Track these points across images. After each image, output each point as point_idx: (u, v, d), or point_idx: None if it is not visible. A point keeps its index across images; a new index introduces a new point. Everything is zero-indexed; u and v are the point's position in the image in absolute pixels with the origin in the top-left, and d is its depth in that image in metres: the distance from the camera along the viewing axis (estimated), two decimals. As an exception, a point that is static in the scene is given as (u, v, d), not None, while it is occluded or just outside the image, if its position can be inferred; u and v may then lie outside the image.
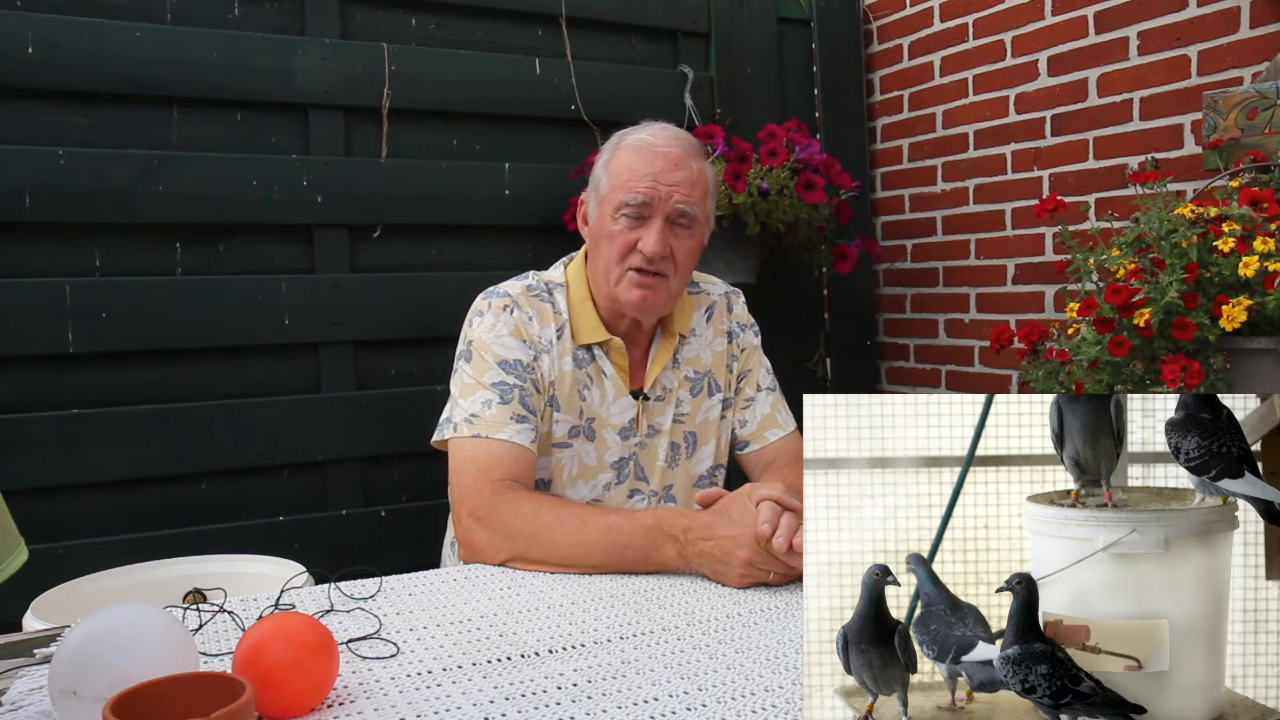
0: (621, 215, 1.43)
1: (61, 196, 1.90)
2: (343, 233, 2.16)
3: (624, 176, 1.43)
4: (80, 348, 1.92)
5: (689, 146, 1.47)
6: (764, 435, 1.60)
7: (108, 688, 0.70)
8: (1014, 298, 2.46)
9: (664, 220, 1.42)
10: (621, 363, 1.51)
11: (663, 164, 1.43)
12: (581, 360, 1.49)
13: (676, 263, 1.45)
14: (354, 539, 2.14)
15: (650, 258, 1.41)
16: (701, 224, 1.48)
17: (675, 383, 1.55)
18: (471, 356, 1.45)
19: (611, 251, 1.44)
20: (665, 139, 1.46)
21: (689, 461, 1.57)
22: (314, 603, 1.12)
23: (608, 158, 1.49)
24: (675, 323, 1.55)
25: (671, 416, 1.55)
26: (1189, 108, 2.01)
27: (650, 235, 1.41)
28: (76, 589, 1.53)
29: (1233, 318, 1.28)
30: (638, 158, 1.44)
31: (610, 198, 1.45)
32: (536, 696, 0.86)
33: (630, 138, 1.48)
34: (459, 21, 2.31)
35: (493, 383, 1.42)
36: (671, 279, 1.45)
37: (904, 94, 2.76)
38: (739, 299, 1.67)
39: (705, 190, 1.47)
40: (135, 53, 1.96)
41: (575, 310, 1.50)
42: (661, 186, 1.42)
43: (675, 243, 1.44)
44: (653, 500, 1.54)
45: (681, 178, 1.43)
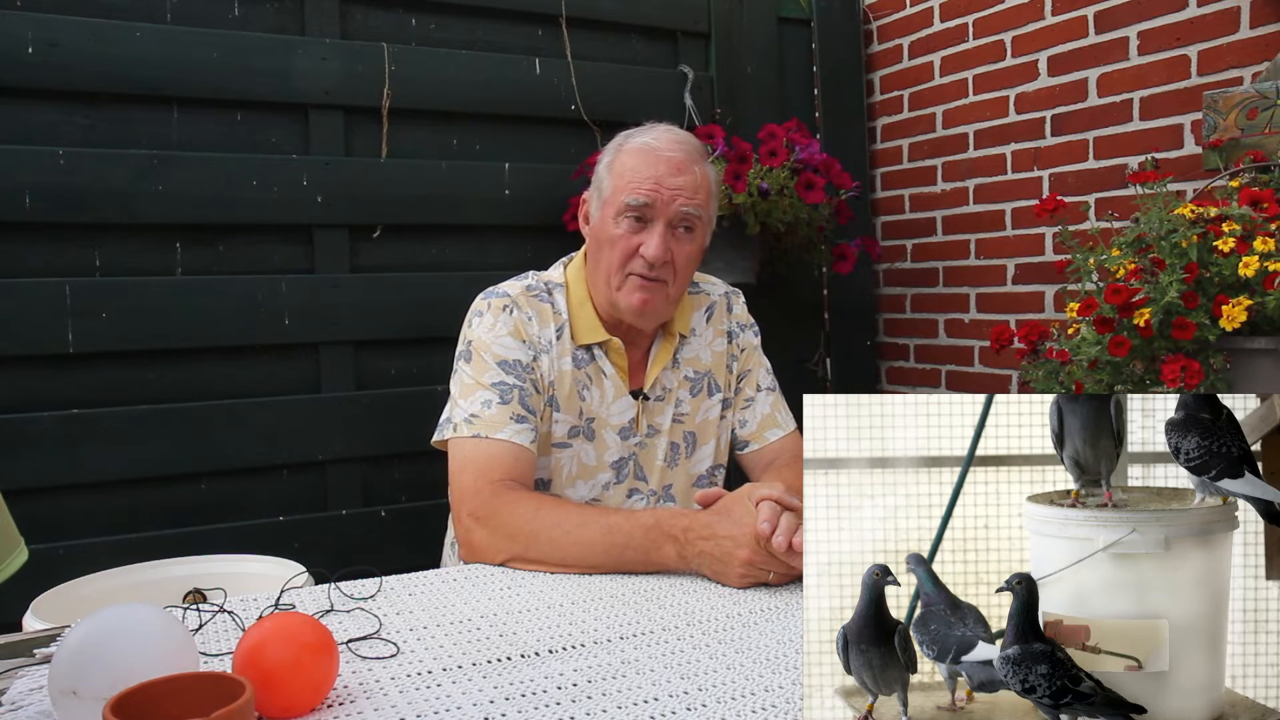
0: (624, 218, 1.43)
1: (62, 196, 1.90)
2: (343, 233, 2.16)
3: (627, 179, 1.43)
4: (80, 348, 1.92)
5: (692, 150, 1.47)
6: (764, 435, 1.60)
7: (108, 688, 0.70)
8: (1014, 298, 2.46)
9: (666, 225, 1.42)
10: (621, 363, 1.51)
11: (666, 168, 1.42)
12: (581, 360, 1.49)
13: (676, 268, 1.45)
14: (354, 539, 2.14)
15: (652, 263, 1.41)
16: (704, 228, 1.48)
17: (675, 383, 1.55)
18: (471, 357, 1.45)
19: (613, 256, 1.44)
20: (669, 142, 1.45)
21: (688, 461, 1.57)
22: (314, 603, 1.12)
23: (611, 159, 1.49)
24: (675, 323, 1.55)
25: (671, 416, 1.55)
26: (1189, 108, 2.01)
27: (652, 240, 1.41)
28: (76, 589, 1.53)
29: (1233, 318, 1.28)
30: (641, 160, 1.44)
31: (613, 200, 1.45)
32: (536, 696, 0.86)
33: (634, 140, 1.48)
34: (459, 21, 2.31)
35: (492, 383, 1.42)
36: (671, 285, 1.45)
37: (904, 94, 2.76)
38: (739, 299, 1.67)
39: (708, 194, 1.47)
40: (135, 53, 1.96)
41: (575, 311, 1.50)
42: (665, 190, 1.41)
43: (676, 247, 1.44)
44: (651, 500, 1.54)
45: (685, 182, 1.43)
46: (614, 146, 1.50)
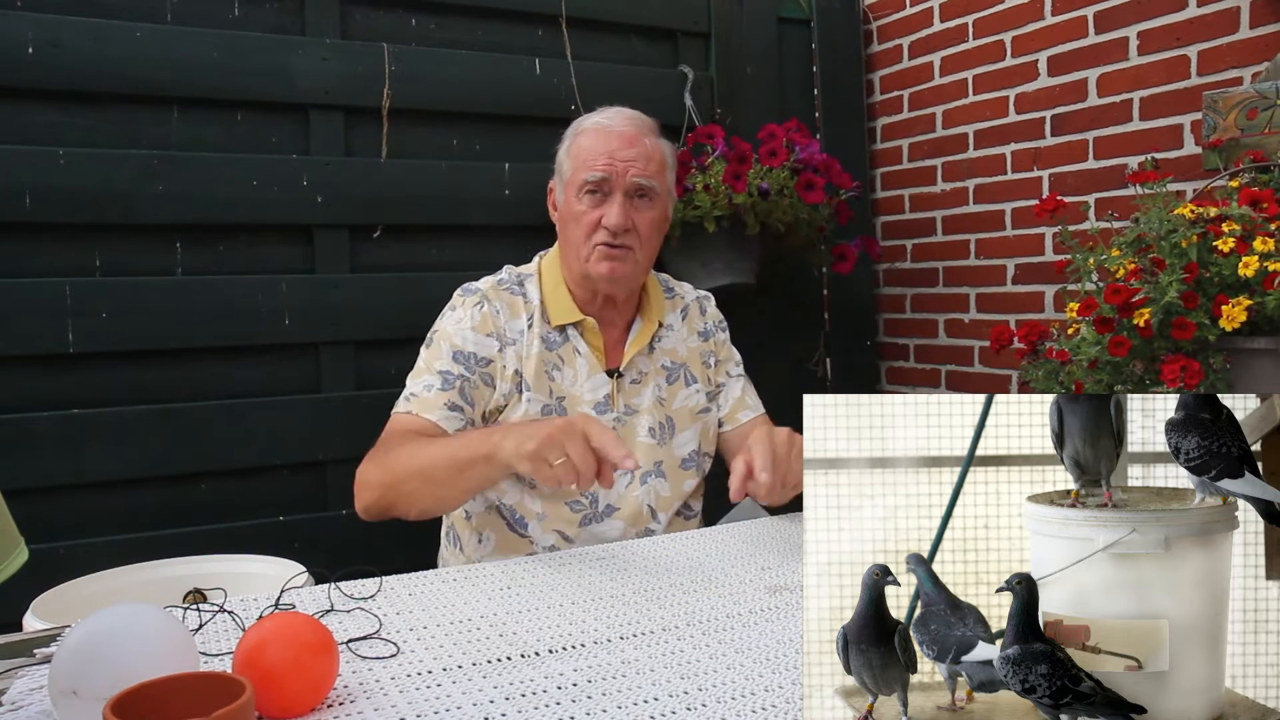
0: (584, 194, 1.52)
1: (62, 196, 1.90)
2: (343, 233, 2.16)
3: (583, 158, 1.53)
4: (81, 347, 1.92)
5: (642, 124, 1.56)
6: (736, 417, 1.68)
7: (108, 687, 0.70)
8: (1014, 298, 2.46)
9: (624, 195, 1.51)
10: (596, 343, 1.57)
11: (618, 142, 1.52)
12: (553, 342, 1.55)
13: (640, 235, 1.53)
14: (354, 539, 2.14)
15: (614, 230, 1.50)
16: (662, 196, 1.56)
17: (651, 368, 1.61)
18: (431, 343, 1.54)
19: (579, 230, 1.53)
20: (620, 120, 1.55)
21: (672, 442, 1.61)
22: (314, 603, 1.12)
23: (569, 144, 1.59)
24: (654, 309, 1.62)
25: (650, 399, 1.59)
26: (1189, 108, 2.01)
27: (613, 209, 1.51)
28: (77, 589, 1.53)
29: (1232, 318, 1.28)
30: (595, 139, 1.54)
31: (573, 180, 1.54)
32: (536, 696, 0.86)
33: (587, 122, 1.58)
34: (459, 22, 2.31)
35: (440, 370, 1.49)
36: (638, 250, 1.54)
37: (904, 94, 2.76)
38: (710, 302, 1.75)
39: (661, 163, 1.56)
40: (136, 53, 1.96)
41: (549, 294, 1.57)
42: (618, 163, 1.51)
43: (637, 215, 1.52)
44: (639, 475, 1.56)
45: (636, 153, 1.52)
46: (570, 132, 1.60)
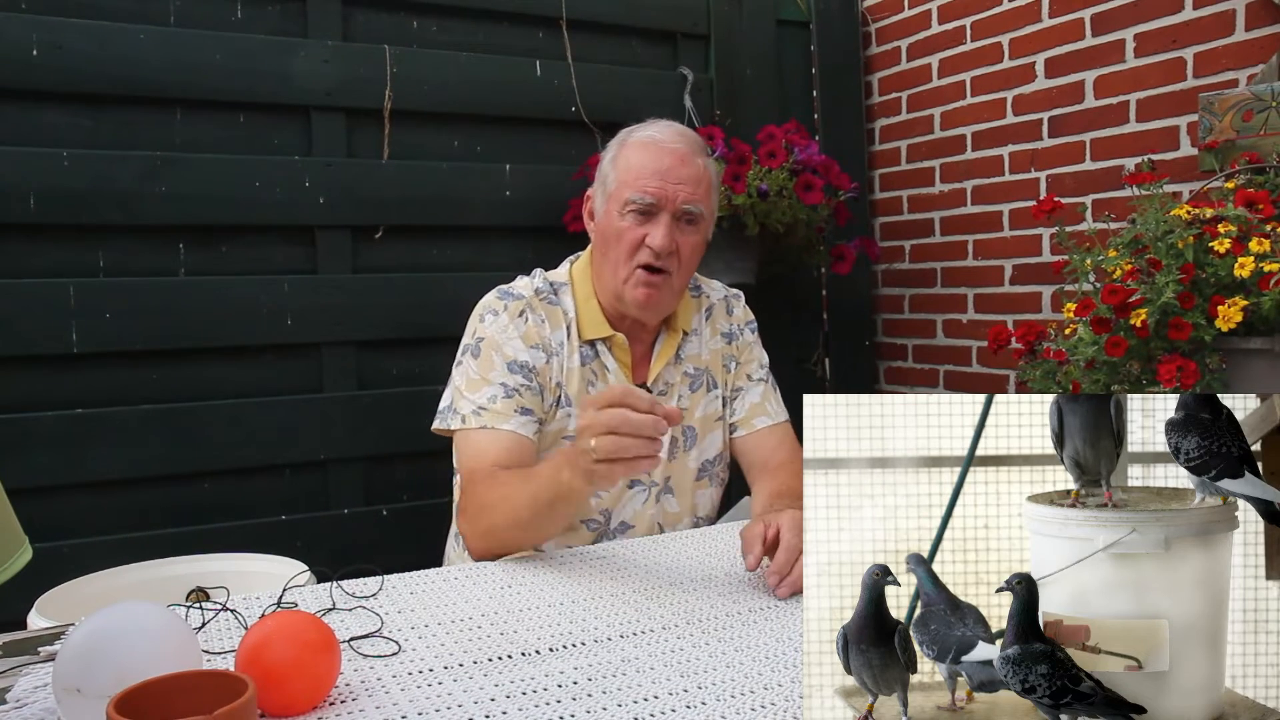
0: (629, 212, 1.46)
1: (65, 197, 1.90)
2: (345, 234, 2.17)
3: (632, 174, 1.47)
4: (84, 348, 1.92)
5: (694, 144, 1.50)
6: (751, 422, 1.62)
7: (111, 685, 0.70)
8: (1012, 298, 2.46)
9: (671, 217, 1.45)
10: (624, 358, 1.54)
11: (670, 161, 1.46)
12: (586, 357, 1.52)
13: (681, 259, 1.48)
14: (356, 538, 2.15)
15: (658, 253, 1.44)
16: (706, 221, 1.51)
17: (677, 378, 1.58)
18: (480, 353, 1.48)
19: (620, 249, 1.47)
20: (671, 136, 1.49)
21: (687, 455, 1.60)
22: (316, 601, 1.13)
23: (614, 154, 1.52)
24: (679, 319, 1.58)
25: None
26: (1185, 109, 2.02)
27: (658, 231, 1.45)
28: (80, 587, 1.53)
29: (1228, 318, 1.29)
30: (645, 155, 1.47)
31: (617, 194, 1.48)
32: (537, 694, 0.86)
33: (637, 135, 1.51)
34: (460, 24, 2.32)
35: (500, 381, 1.45)
36: (675, 276, 1.49)
37: (902, 96, 2.77)
38: (739, 301, 1.70)
39: (709, 187, 1.51)
40: (139, 55, 1.97)
41: (581, 307, 1.53)
42: (669, 185, 1.45)
43: (681, 239, 1.47)
44: (653, 491, 1.56)
45: (687, 175, 1.46)
46: (617, 142, 1.54)
